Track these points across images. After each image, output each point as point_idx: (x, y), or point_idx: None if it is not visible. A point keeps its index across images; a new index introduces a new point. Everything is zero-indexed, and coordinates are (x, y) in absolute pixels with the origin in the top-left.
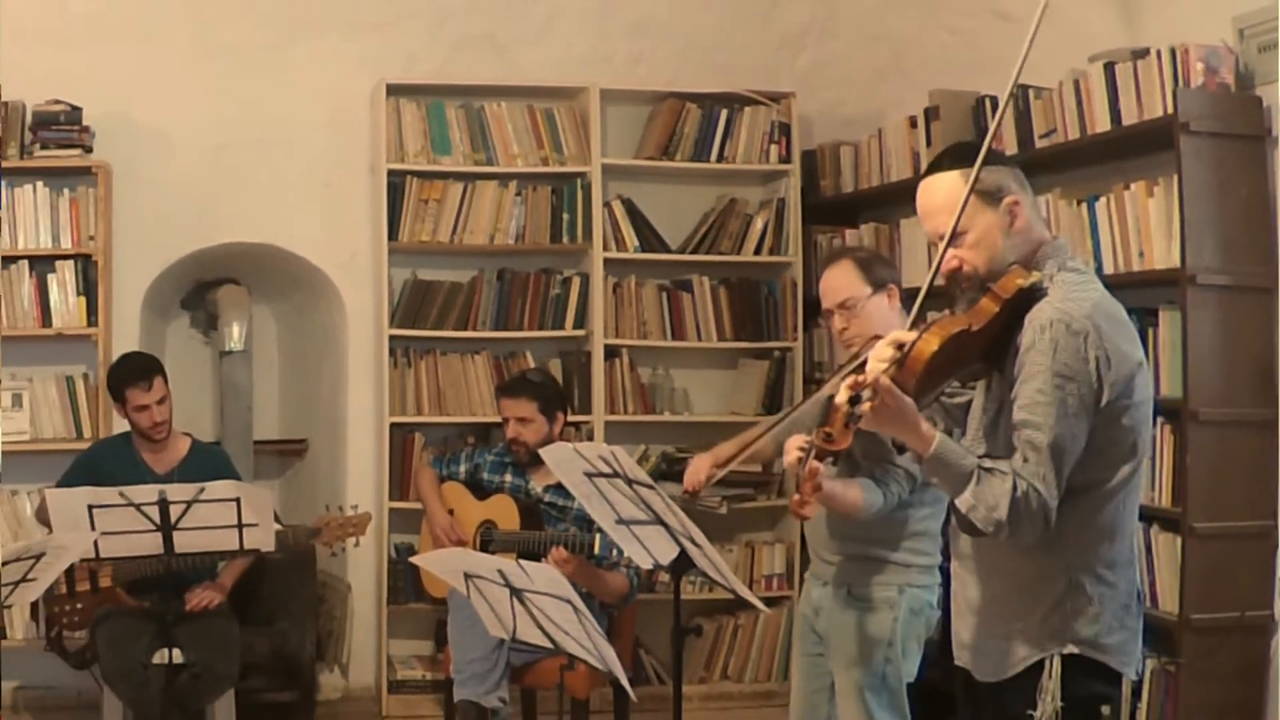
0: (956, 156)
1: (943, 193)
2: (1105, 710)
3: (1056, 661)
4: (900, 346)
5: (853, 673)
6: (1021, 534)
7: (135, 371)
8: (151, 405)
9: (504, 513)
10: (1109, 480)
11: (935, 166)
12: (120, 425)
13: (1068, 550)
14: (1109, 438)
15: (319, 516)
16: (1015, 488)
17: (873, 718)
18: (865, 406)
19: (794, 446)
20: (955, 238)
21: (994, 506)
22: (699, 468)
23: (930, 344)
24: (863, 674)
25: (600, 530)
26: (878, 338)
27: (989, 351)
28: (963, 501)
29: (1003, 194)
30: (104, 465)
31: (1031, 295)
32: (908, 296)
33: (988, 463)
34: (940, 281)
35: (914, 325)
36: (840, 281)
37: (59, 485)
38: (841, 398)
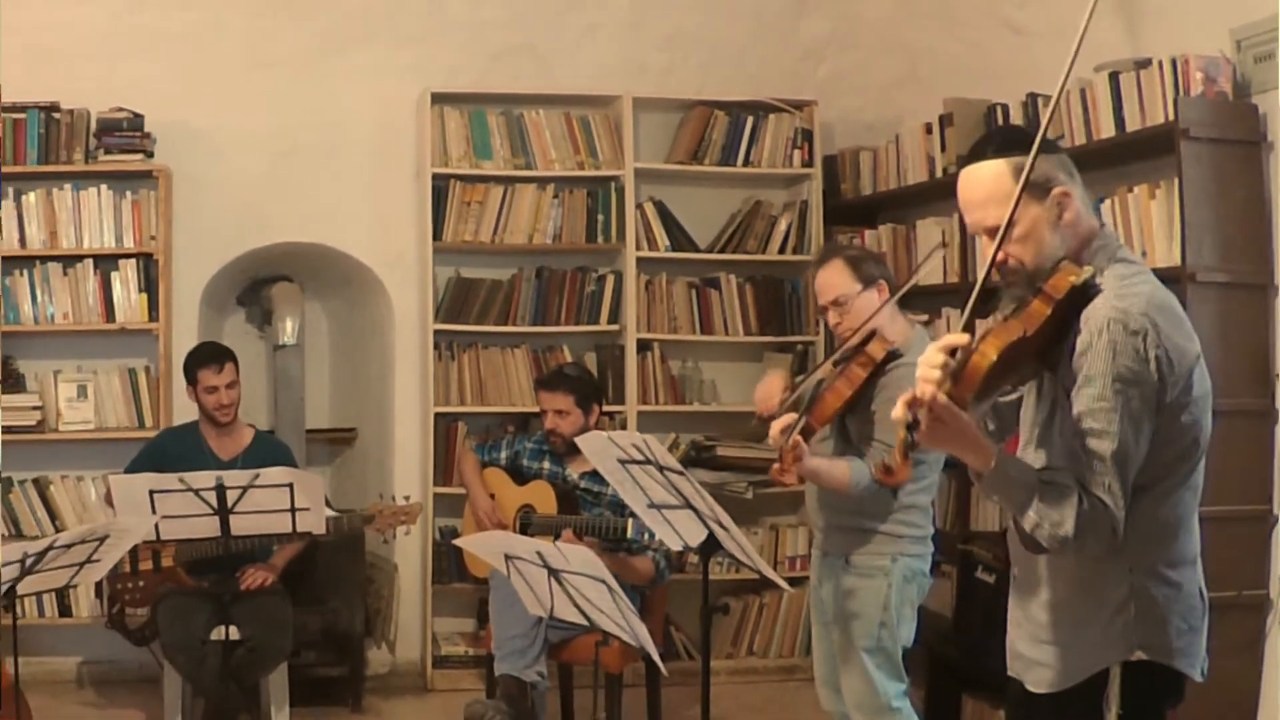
0: (1001, 144)
1: (988, 183)
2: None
3: (1117, 669)
4: (952, 353)
5: (851, 637)
6: (1088, 548)
7: (209, 355)
8: (220, 388)
9: (542, 498)
10: (1168, 478)
11: (978, 154)
12: (181, 416)
13: (1129, 552)
14: (1168, 436)
15: (372, 504)
16: (1081, 501)
17: (871, 679)
18: (923, 424)
19: (778, 427)
20: (1004, 232)
21: (1059, 523)
22: (772, 388)
23: (988, 356)
24: (860, 638)
25: (633, 515)
26: (873, 333)
27: (1044, 350)
28: (1027, 520)
29: (1051, 184)
30: (171, 451)
31: (1085, 293)
32: (932, 294)
33: (1048, 475)
34: (995, 277)
35: (966, 328)
36: (832, 280)
37: (128, 469)
38: (899, 414)
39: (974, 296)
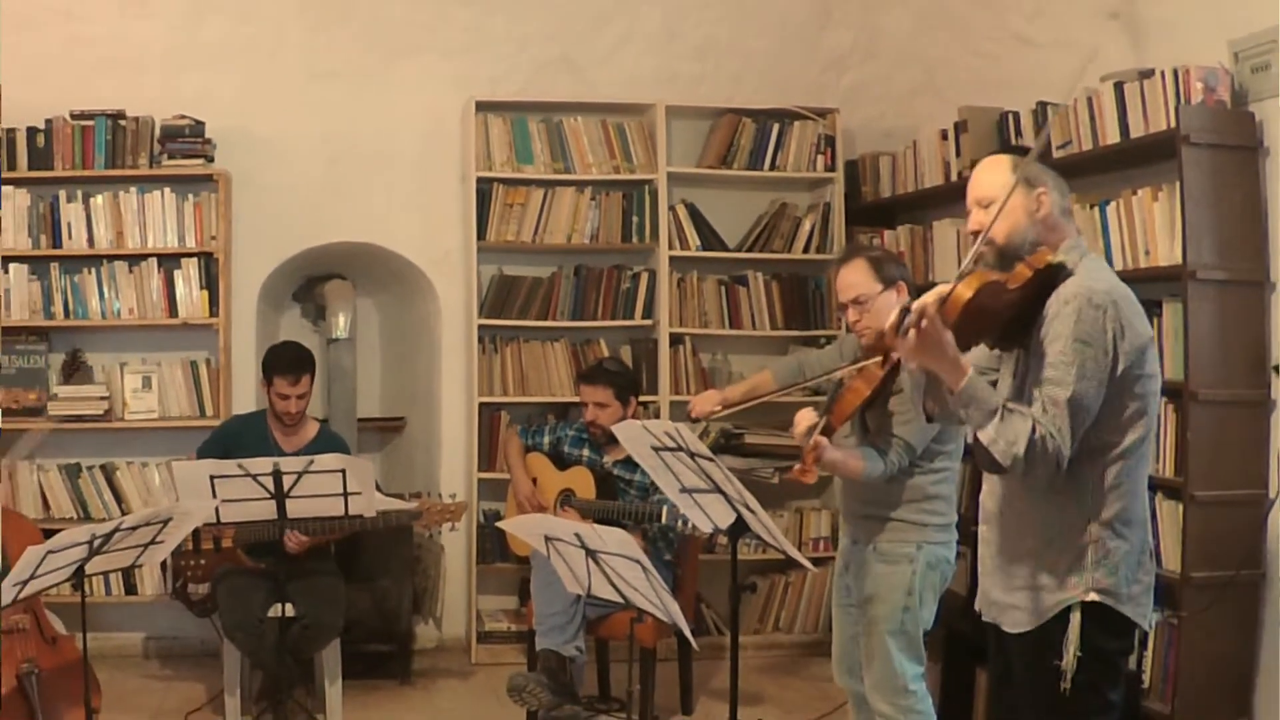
0: (1017, 150)
1: (990, 168)
2: (1125, 662)
3: (1077, 612)
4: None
5: (876, 619)
6: (1034, 474)
7: (288, 363)
8: (292, 397)
9: (582, 483)
10: (1122, 442)
11: (996, 153)
12: (239, 406)
13: (1086, 506)
14: (1122, 403)
15: (420, 501)
16: (1034, 430)
17: (892, 661)
18: (912, 329)
19: (803, 421)
20: (986, 205)
21: (1013, 442)
22: (709, 400)
23: (970, 286)
24: (885, 620)
25: (662, 499)
26: None
27: (1014, 325)
28: (985, 434)
29: (1037, 184)
30: (239, 437)
31: (1058, 273)
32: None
33: (1012, 404)
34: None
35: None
36: (854, 279)
37: (199, 452)
38: (893, 318)
39: (972, 255)
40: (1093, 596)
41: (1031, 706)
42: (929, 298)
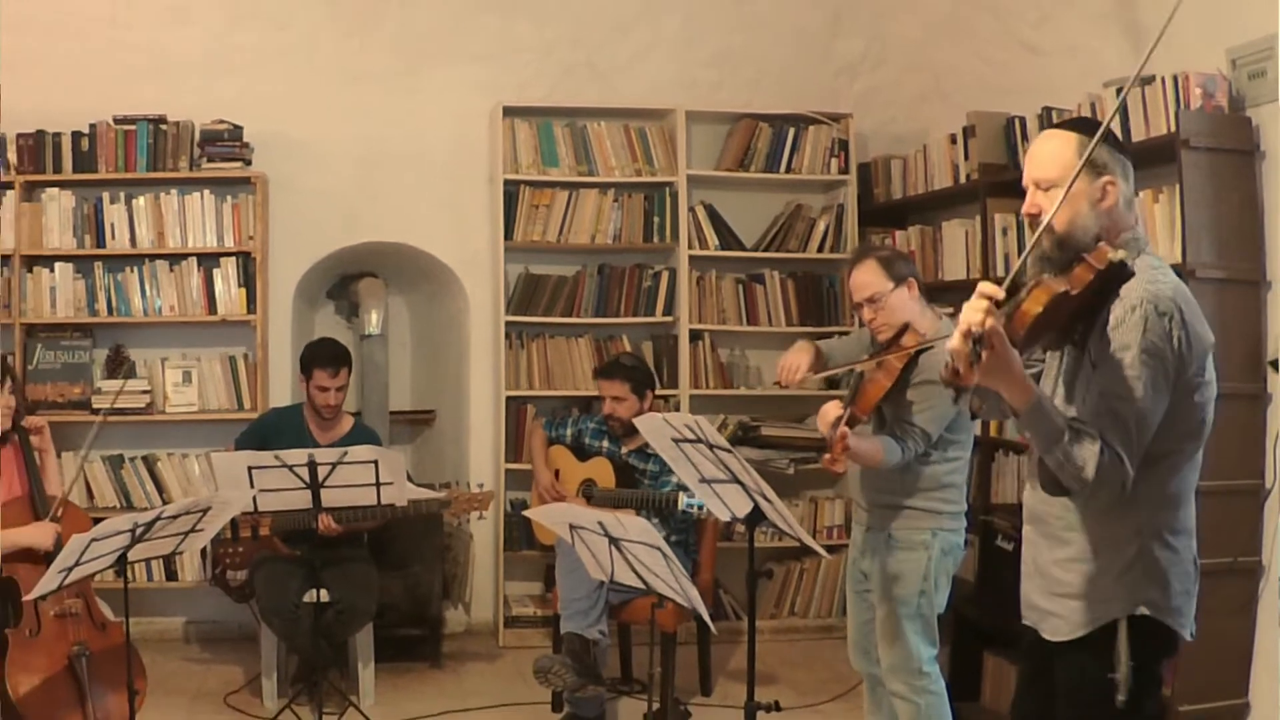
0: (1080, 125)
1: (1055, 145)
2: (1162, 670)
3: (1123, 623)
4: (994, 300)
5: (892, 604)
6: (1100, 497)
7: (328, 357)
8: (331, 389)
9: (603, 473)
10: (1178, 453)
11: (1059, 126)
12: (275, 399)
13: (1140, 517)
14: (1182, 413)
15: (450, 491)
16: (1103, 452)
17: (908, 642)
18: (983, 358)
19: (830, 414)
20: (1047, 188)
21: (1082, 466)
22: (797, 364)
23: (1039, 301)
24: (900, 605)
25: (680, 487)
26: (906, 326)
27: (1071, 328)
28: (1051, 459)
29: (1105, 171)
30: (277, 430)
31: (1120, 271)
32: (956, 289)
33: (1076, 423)
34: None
35: (1012, 282)
36: (866, 278)
37: (238, 442)
38: (959, 345)
39: (1027, 253)
40: (1141, 610)
41: (1077, 716)
42: (978, 307)
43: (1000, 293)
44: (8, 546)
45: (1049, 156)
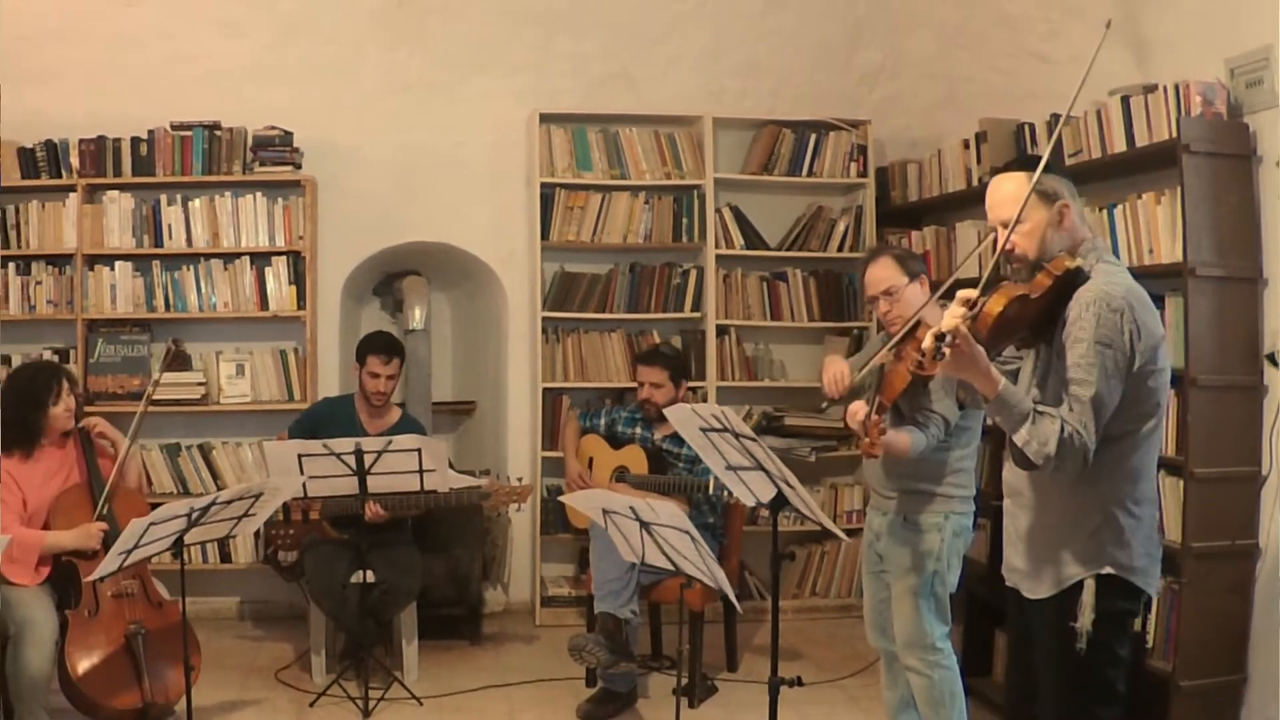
0: (1024, 163)
1: (1009, 187)
2: (1134, 623)
3: (1092, 581)
4: (970, 304)
5: (907, 583)
6: (1065, 469)
7: (383, 345)
8: (382, 376)
9: (635, 459)
10: (1136, 431)
11: (1006, 168)
12: (324, 391)
13: (1103, 488)
14: (1137, 396)
15: (489, 483)
16: (1063, 429)
17: (923, 619)
18: (947, 350)
19: (859, 411)
20: (1014, 225)
21: (1045, 443)
22: (839, 376)
23: (998, 304)
24: (916, 584)
25: (710, 471)
26: (919, 322)
27: (1039, 324)
28: (1019, 437)
29: (1056, 197)
30: (327, 419)
31: (1076, 277)
32: (960, 284)
33: (1041, 407)
34: (998, 260)
35: (983, 291)
36: (883, 274)
37: (291, 430)
38: (929, 343)
39: (988, 270)
40: (1107, 570)
41: (1050, 664)
42: (957, 311)
43: (975, 294)
44: (53, 548)
45: (1009, 198)
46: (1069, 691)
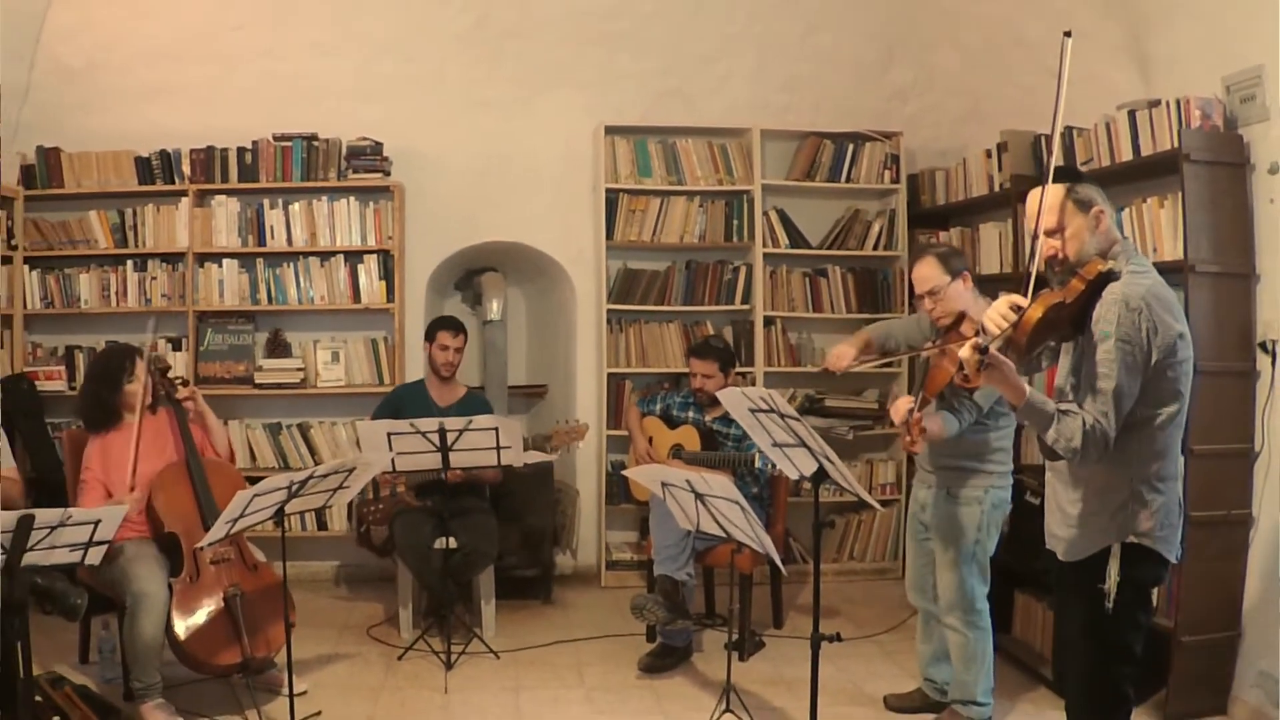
0: (1060, 175)
1: (1049, 198)
2: (1154, 591)
3: (1117, 548)
4: (1016, 308)
5: (951, 551)
6: (1089, 458)
7: (450, 322)
8: (450, 349)
9: (689, 438)
10: (1159, 417)
11: (1042, 180)
12: (411, 375)
13: (1130, 467)
14: (1157, 386)
15: (551, 427)
16: (1084, 423)
17: (965, 582)
18: (980, 371)
19: (902, 407)
20: (1055, 232)
21: (1070, 439)
22: (843, 354)
23: (1037, 311)
24: (959, 551)
25: (758, 450)
26: (962, 315)
27: (1077, 320)
28: (1048, 436)
29: (1092, 205)
30: (405, 399)
31: (1108, 279)
32: (991, 280)
33: (1064, 406)
34: (1040, 266)
35: (1027, 293)
36: (927, 273)
37: (375, 413)
38: (970, 355)
39: (1033, 275)
40: (1131, 539)
41: (1078, 623)
42: (1000, 315)
43: (1025, 300)
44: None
45: (1048, 207)
46: (1094, 649)
